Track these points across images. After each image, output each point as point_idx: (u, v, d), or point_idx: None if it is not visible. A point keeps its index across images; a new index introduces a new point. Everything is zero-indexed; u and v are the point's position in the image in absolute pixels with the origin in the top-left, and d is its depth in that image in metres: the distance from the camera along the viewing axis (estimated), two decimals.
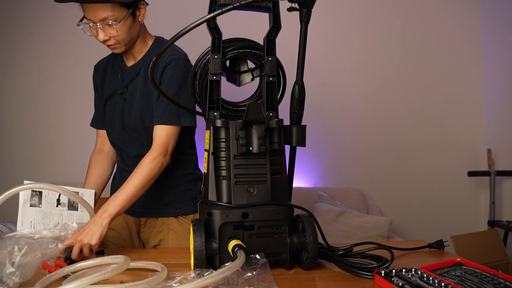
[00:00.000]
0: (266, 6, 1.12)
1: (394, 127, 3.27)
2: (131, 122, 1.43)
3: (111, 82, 1.50)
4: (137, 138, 1.45)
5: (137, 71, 1.45)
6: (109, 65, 1.54)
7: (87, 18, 1.32)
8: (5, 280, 0.89)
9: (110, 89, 1.50)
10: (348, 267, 1.02)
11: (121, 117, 1.46)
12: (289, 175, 1.17)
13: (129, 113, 1.44)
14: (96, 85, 1.57)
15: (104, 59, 1.58)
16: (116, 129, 1.48)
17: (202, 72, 1.14)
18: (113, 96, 1.49)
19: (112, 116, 1.49)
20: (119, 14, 1.29)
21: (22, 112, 2.96)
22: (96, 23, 1.30)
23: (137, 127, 1.43)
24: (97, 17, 1.28)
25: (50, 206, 1.33)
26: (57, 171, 2.95)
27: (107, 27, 1.31)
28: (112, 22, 1.29)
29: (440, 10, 3.32)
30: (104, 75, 1.53)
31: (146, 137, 1.44)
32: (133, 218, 1.53)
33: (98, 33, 1.33)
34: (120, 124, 1.46)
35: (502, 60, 3.16)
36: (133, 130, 1.45)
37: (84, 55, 2.95)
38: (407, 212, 3.26)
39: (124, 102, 1.46)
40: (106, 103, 1.51)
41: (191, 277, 0.90)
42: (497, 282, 0.87)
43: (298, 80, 1.12)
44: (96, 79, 1.56)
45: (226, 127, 1.06)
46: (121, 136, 1.48)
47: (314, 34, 2.92)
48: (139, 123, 1.42)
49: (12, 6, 2.94)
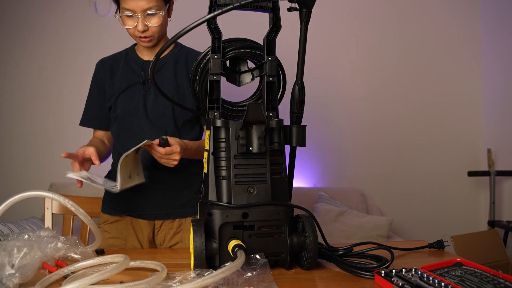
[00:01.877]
0: (266, 6, 1.12)
1: (394, 127, 3.27)
2: (159, 111, 1.46)
3: (126, 76, 1.51)
4: (162, 127, 1.47)
5: (161, 65, 1.50)
6: (118, 61, 1.54)
7: (126, 9, 1.38)
8: (4, 282, 0.89)
9: (125, 82, 1.50)
10: (348, 267, 1.02)
11: (144, 106, 1.48)
12: (289, 175, 1.17)
13: (156, 102, 1.47)
14: (102, 81, 1.54)
15: (108, 58, 1.57)
16: (138, 118, 1.48)
17: (202, 72, 1.14)
18: (131, 87, 1.49)
19: (131, 106, 1.49)
20: (161, 5, 1.39)
21: (22, 112, 2.96)
22: (138, 14, 1.37)
23: (164, 116, 1.47)
24: (141, 7, 1.36)
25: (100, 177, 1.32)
26: (57, 171, 2.95)
27: (147, 18, 1.39)
28: (156, 11, 1.38)
29: (440, 10, 3.32)
30: (113, 71, 1.53)
31: (172, 127, 1.47)
32: (147, 222, 1.50)
33: (138, 24, 1.39)
34: (143, 113, 1.48)
35: (502, 60, 3.16)
36: (158, 120, 1.47)
37: (84, 55, 2.95)
38: (407, 212, 3.26)
39: (146, 93, 1.48)
40: (119, 96, 1.50)
41: (191, 277, 0.90)
42: (497, 282, 0.87)
43: (298, 80, 1.12)
44: (103, 76, 1.54)
45: (226, 127, 1.06)
46: (144, 124, 1.48)
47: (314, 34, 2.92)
48: (170, 112, 1.46)
49: (12, 6, 2.94)
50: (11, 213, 1.56)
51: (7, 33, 2.93)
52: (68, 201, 1.13)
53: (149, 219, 1.49)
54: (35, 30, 2.95)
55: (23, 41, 2.94)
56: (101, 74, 1.54)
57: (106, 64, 1.55)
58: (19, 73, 2.95)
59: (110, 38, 2.88)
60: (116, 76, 1.52)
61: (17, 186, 2.87)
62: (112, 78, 1.53)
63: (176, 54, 1.53)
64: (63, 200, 1.12)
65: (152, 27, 1.41)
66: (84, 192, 2.70)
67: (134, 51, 1.55)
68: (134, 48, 1.57)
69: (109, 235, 1.50)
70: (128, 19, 1.40)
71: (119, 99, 1.50)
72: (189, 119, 1.51)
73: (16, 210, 1.34)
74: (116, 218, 1.51)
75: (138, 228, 1.50)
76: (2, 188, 2.91)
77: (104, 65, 1.55)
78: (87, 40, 2.96)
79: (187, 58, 1.53)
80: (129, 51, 1.57)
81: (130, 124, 1.49)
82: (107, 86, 1.53)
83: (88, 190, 2.70)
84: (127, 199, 1.49)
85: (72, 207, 1.13)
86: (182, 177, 1.48)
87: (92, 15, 2.98)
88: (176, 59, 1.52)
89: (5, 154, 2.95)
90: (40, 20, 2.96)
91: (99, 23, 2.97)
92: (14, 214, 2.55)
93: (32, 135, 2.96)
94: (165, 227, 1.50)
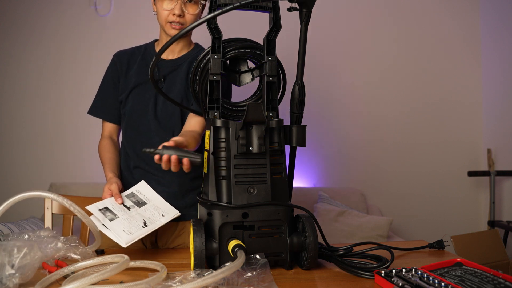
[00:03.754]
0: (266, 6, 1.12)
1: (394, 127, 3.27)
2: (168, 112, 1.46)
3: (141, 71, 1.49)
4: (170, 128, 1.46)
5: (177, 65, 1.49)
6: (135, 56, 1.53)
7: None
8: (4, 282, 0.89)
9: (139, 78, 1.49)
10: (348, 267, 1.02)
11: (154, 105, 1.47)
12: (289, 175, 1.17)
13: (166, 102, 1.46)
14: (117, 73, 1.52)
15: (126, 51, 1.55)
16: (146, 117, 1.47)
17: (202, 72, 1.14)
18: (143, 84, 1.48)
19: (141, 104, 1.48)
20: None
21: (22, 112, 2.96)
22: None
23: (173, 117, 1.46)
24: None
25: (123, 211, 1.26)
26: (57, 171, 2.95)
27: (187, 4, 1.39)
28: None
29: (440, 10, 3.32)
30: (129, 65, 1.52)
31: (179, 128, 1.45)
32: None
33: (177, 6, 1.38)
34: (152, 112, 1.46)
35: (502, 60, 3.16)
36: (167, 120, 1.46)
37: (84, 55, 2.95)
38: (407, 212, 3.26)
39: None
40: (131, 92, 1.49)
41: (191, 277, 0.90)
42: (497, 282, 0.87)
43: (298, 80, 1.12)
44: (120, 68, 1.52)
45: (226, 127, 1.06)
46: (152, 124, 1.47)
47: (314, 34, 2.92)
48: (179, 113, 1.46)
49: (12, 6, 2.94)
50: (11, 213, 1.56)
51: (7, 33, 2.93)
52: (68, 202, 1.13)
53: None
54: (35, 30, 2.95)
55: (23, 41, 2.94)
56: (117, 66, 1.52)
57: (124, 57, 1.53)
58: (19, 73, 2.95)
59: (110, 38, 2.88)
60: (132, 70, 1.51)
61: (17, 186, 2.87)
62: (127, 72, 1.51)
63: (194, 56, 1.50)
64: (63, 201, 1.12)
65: (189, 15, 1.40)
66: (84, 192, 2.70)
67: (153, 47, 1.53)
68: (153, 44, 1.55)
69: None
70: (167, 1, 1.39)
71: (130, 95, 1.49)
72: None
73: (16, 210, 1.34)
74: None
75: None
76: (2, 188, 2.90)
77: (122, 57, 1.53)
78: (87, 40, 2.96)
79: None
80: (148, 46, 1.54)
81: (138, 123, 1.48)
82: (122, 79, 1.51)
83: (88, 190, 2.71)
84: None
85: (72, 207, 1.13)
86: (187, 181, 1.47)
87: (92, 15, 2.98)
88: (192, 60, 1.49)
89: (5, 154, 2.95)
90: (40, 20, 2.96)
91: (99, 23, 2.97)
92: (14, 214, 2.54)
93: (32, 135, 2.96)
94: (168, 230, 1.49)
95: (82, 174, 2.93)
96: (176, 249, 1.44)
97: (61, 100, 2.97)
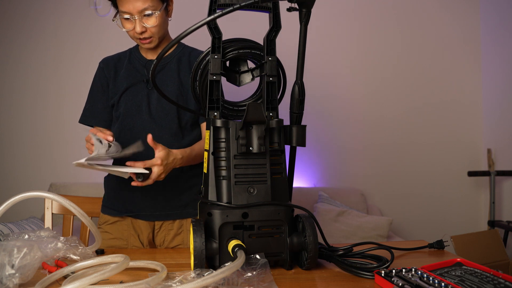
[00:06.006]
0: (266, 6, 1.12)
1: (394, 127, 3.27)
2: (164, 110, 1.47)
3: (130, 74, 1.52)
4: (166, 126, 1.47)
5: (164, 64, 1.51)
6: (122, 61, 1.55)
7: (123, 12, 1.38)
8: (4, 282, 0.89)
9: (129, 80, 1.51)
10: (348, 267, 1.02)
11: (148, 105, 1.48)
12: (289, 175, 1.17)
13: (160, 101, 1.47)
14: (106, 79, 1.54)
15: (112, 57, 1.58)
16: (142, 116, 1.48)
17: (203, 72, 1.14)
18: (134, 85, 1.50)
19: (134, 104, 1.49)
20: (157, 5, 1.39)
21: (22, 112, 2.96)
22: (134, 16, 1.38)
23: (169, 114, 1.47)
24: (137, 8, 1.37)
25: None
26: (57, 171, 2.95)
27: (145, 19, 1.39)
28: (152, 11, 1.38)
29: (440, 10, 3.32)
30: (116, 70, 1.54)
31: (175, 125, 1.47)
32: (147, 223, 1.49)
33: (136, 25, 1.40)
34: (146, 112, 1.48)
35: (502, 60, 3.16)
36: (162, 118, 1.47)
37: (84, 55, 2.95)
38: (407, 212, 3.27)
39: (150, 91, 1.49)
40: (123, 95, 1.51)
41: (191, 277, 0.90)
42: (497, 282, 0.87)
43: (298, 80, 1.12)
44: (108, 73, 1.54)
45: (226, 127, 1.06)
46: (146, 123, 1.48)
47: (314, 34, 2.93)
48: (174, 110, 1.47)
49: (12, 6, 2.94)
50: (11, 213, 1.56)
51: (7, 33, 2.93)
52: (68, 202, 1.13)
53: (148, 220, 1.49)
54: (35, 30, 2.96)
55: (23, 41, 2.94)
56: (105, 72, 1.54)
57: (110, 62, 1.56)
58: (19, 73, 2.95)
59: (110, 38, 2.88)
60: (120, 75, 1.53)
61: (17, 186, 2.87)
62: (116, 77, 1.53)
63: (179, 53, 1.54)
64: (63, 201, 1.12)
65: (150, 28, 1.41)
66: (84, 192, 2.70)
67: (137, 51, 1.56)
68: (137, 48, 1.57)
69: (110, 235, 1.49)
70: (126, 22, 1.41)
71: (122, 98, 1.50)
72: (193, 118, 1.51)
73: (16, 210, 1.34)
74: (116, 218, 1.51)
75: (138, 229, 1.50)
76: (2, 188, 2.91)
77: (109, 63, 1.55)
78: (87, 40, 2.96)
79: (190, 57, 1.53)
80: (133, 50, 1.58)
81: (132, 123, 1.49)
82: (111, 84, 1.53)
83: (88, 190, 2.71)
84: (126, 200, 1.49)
85: (72, 208, 1.13)
86: (182, 180, 1.48)
87: (92, 15, 2.98)
88: (179, 58, 1.53)
89: (5, 154, 2.95)
90: (40, 20, 2.96)
91: (99, 23, 2.97)
92: (14, 214, 2.55)
93: (32, 135, 2.96)
94: (165, 228, 1.50)
95: (82, 174, 2.92)
96: (176, 249, 1.44)
97: (61, 100, 2.97)
